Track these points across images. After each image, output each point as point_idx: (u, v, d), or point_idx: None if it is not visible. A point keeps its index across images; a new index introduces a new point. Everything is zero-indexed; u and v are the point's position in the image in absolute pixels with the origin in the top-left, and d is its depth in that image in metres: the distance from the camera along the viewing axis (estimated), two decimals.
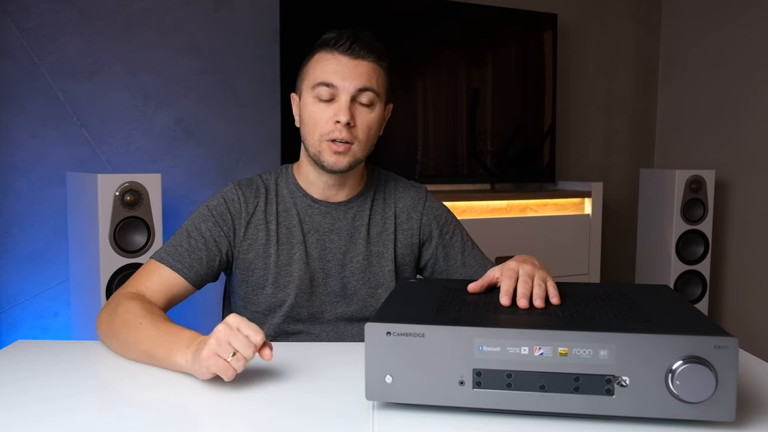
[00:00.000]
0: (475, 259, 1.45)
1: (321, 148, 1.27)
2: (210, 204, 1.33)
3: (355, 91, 1.24)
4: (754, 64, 3.16)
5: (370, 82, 1.26)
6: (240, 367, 0.92)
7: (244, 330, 0.94)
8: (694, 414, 0.79)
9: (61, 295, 2.55)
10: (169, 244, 1.29)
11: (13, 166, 2.46)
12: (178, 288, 1.26)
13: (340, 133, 1.24)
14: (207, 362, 0.92)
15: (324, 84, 1.25)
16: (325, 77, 1.25)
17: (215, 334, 0.94)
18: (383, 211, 1.40)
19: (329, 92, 1.25)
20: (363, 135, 1.27)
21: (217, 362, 0.92)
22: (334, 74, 1.25)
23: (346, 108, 1.24)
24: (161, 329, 1.06)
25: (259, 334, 0.94)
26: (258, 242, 1.32)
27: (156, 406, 0.92)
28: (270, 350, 0.95)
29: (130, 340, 1.08)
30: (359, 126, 1.26)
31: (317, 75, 1.26)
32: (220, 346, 0.92)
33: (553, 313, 0.93)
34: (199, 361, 0.94)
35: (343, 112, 1.23)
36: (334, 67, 1.25)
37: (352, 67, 1.25)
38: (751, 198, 3.22)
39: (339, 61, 1.25)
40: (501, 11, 3.11)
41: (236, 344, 0.92)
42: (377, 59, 1.28)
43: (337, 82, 1.24)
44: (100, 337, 1.18)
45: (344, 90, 1.24)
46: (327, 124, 1.25)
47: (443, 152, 3.06)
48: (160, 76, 2.65)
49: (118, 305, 1.16)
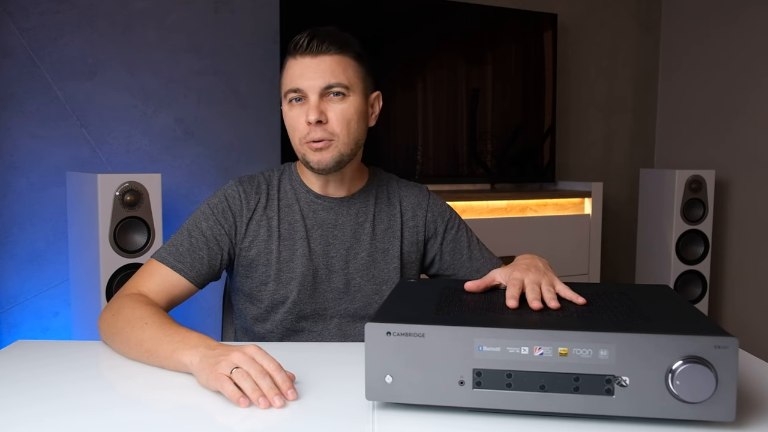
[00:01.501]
0: (481, 252, 1.46)
1: (303, 151, 1.28)
2: (211, 202, 1.33)
3: (320, 89, 1.25)
4: (754, 64, 3.16)
5: (335, 77, 1.25)
6: (255, 397, 0.89)
7: (258, 352, 0.95)
8: (694, 414, 0.79)
9: (61, 295, 2.55)
10: (170, 244, 1.28)
11: (13, 166, 2.46)
12: (180, 288, 1.25)
13: (315, 133, 1.25)
14: (214, 374, 0.92)
15: (292, 90, 1.26)
16: (292, 83, 1.26)
17: (230, 357, 0.93)
18: (389, 208, 1.40)
19: (299, 96, 1.26)
20: (341, 129, 1.26)
21: (223, 384, 0.90)
22: (299, 78, 1.25)
23: (314, 107, 1.24)
24: (166, 329, 1.06)
25: (273, 362, 0.93)
26: (260, 238, 1.32)
27: (156, 406, 0.92)
28: (291, 393, 0.91)
29: (133, 339, 1.08)
30: (334, 120, 1.26)
31: (286, 83, 1.28)
32: (238, 369, 0.91)
33: (553, 313, 0.93)
34: (218, 381, 0.91)
35: (311, 111, 1.24)
36: (299, 71, 1.26)
37: (314, 66, 1.25)
38: (751, 198, 3.22)
39: (302, 63, 1.26)
40: (501, 11, 3.11)
41: (252, 372, 0.91)
42: (339, 50, 1.26)
43: (302, 84, 1.25)
44: (103, 338, 1.17)
45: (310, 90, 1.25)
46: (303, 128, 1.26)
47: (443, 152, 3.06)
48: (160, 76, 2.65)
49: (121, 306, 1.15)
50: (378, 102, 1.36)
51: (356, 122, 1.28)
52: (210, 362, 0.94)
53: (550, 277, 1.04)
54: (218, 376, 0.91)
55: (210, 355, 0.96)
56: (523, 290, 1.00)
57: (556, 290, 1.01)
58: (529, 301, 0.96)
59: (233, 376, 0.90)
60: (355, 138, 1.29)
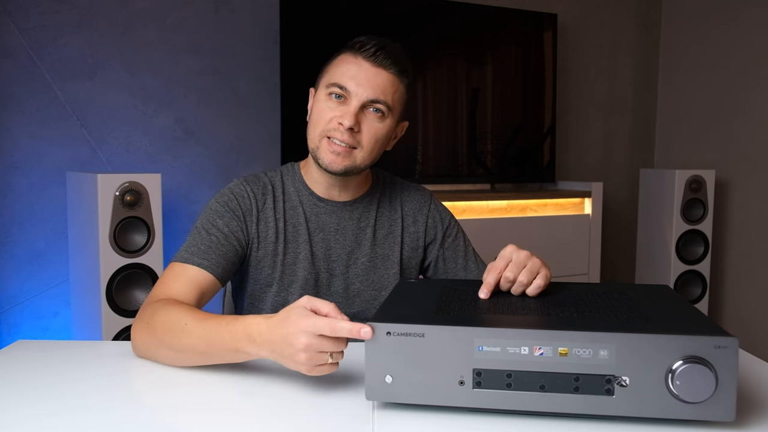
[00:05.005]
0: (476, 264, 1.45)
1: (320, 145, 1.26)
2: (220, 200, 1.30)
3: (367, 100, 1.23)
4: (754, 64, 3.16)
5: (384, 95, 1.24)
6: (341, 357, 0.90)
7: (321, 329, 0.87)
8: (694, 414, 0.79)
9: (61, 295, 2.55)
10: (188, 245, 1.24)
11: (13, 166, 2.46)
12: (207, 285, 1.21)
13: (341, 134, 1.23)
14: (311, 374, 0.90)
15: (338, 85, 1.24)
16: (341, 79, 1.24)
17: (299, 346, 0.87)
18: (390, 213, 1.40)
19: (341, 94, 1.24)
20: (368, 143, 1.25)
21: (322, 370, 0.89)
22: (351, 78, 1.23)
23: (353, 113, 1.22)
24: (208, 327, 1.00)
25: (336, 323, 0.87)
26: (268, 240, 1.31)
27: (156, 405, 0.92)
28: (367, 328, 0.85)
29: (181, 345, 1.02)
30: (364, 133, 1.25)
31: (335, 75, 1.26)
32: (312, 359, 0.88)
33: (553, 313, 0.93)
34: (298, 368, 0.90)
35: (349, 116, 1.22)
36: (354, 72, 1.24)
37: (371, 75, 1.24)
38: (751, 198, 3.22)
39: (360, 66, 1.24)
40: (501, 11, 3.11)
41: (327, 348, 0.88)
42: (399, 72, 1.26)
43: (352, 86, 1.23)
44: (140, 352, 1.10)
45: (356, 96, 1.23)
46: (331, 122, 1.24)
47: (443, 152, 3.06)
48: (160, 76, 2.65)
49: (153, 314, 1.08)
50: (402, 130, 1.36)
51: (381, 144, 1.28)
52: (285, 354, 0.90)
53: (537, 264, 1.05)
54: (310, 369, 0.89)
55: (276, 343, 0.90)
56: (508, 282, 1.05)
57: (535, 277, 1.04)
58: (502, 280, 1.04)
59: (312, 360, 0.88)
60: (374, 156, 1.29)
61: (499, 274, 1.04)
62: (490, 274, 1.04)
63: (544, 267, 1.05)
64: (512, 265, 1.04)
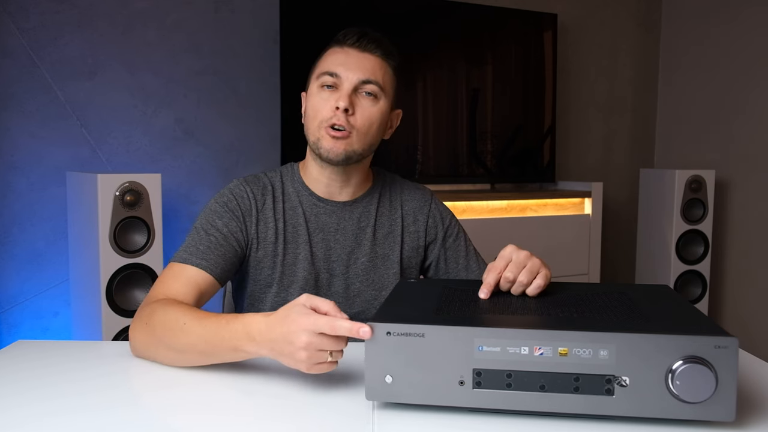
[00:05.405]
0: (477, 264, 1.45)
1: (320, 135, 1.27)
2: (220, 200, 1.31)
3: (358, 81, 1.26)
4: (754, 64, 3.16)
5: (374, 75, 1.27)
6: (341, 356, 0.90)
7: (321, 327, 0.87)
8: (694, 414, 0.79)
9: (61, 295, 2.55)
10: (187, 245, 1.25)
11: (12, 166, 2.46)
12: (206, 286, 1.21)
13: (338, 119, 1.25)
14: (311, 372, 0.90)
15: (328, 73, 1.27)
16: (330, 67, 1.27)
17: (299, 344, 0.87)
18: (390, 212, 1.40)
19: (333, 81, 1.26)
20: (362, 125, 1.27)
21: (321, 368, 0.89)
22: (340, 65, 1.27)
23: (347, 95, 1.25)
24: (207, 326, 0.99)
25: (336, 321, 0.86)
26: (267, 240, 1.31)
27: (155, 405, 0.92)
28: (366, 328, 0.85)
29: (180, 344, 1.01)
30: (358, 115, 1.26)
31: (324, 66, 1.29)
32: (312, 357, 0.88)
33: (553, 313, 0.93)
34: (298, 366, 0.90)
35: (343, 98, 1.25)
36: (342, 59, 1.28)
37: (358, 59, 1.27)
38: (751, 198, 3.22)
39: (347, 53, 1.28)
40: (501, 11, 3.11)
41: (327, 347, 0.88)
42: (384, 55, 1.30)
43: (341, 71, 1.26)
44: (139, 352, 1.10)
45: (347, 79, 1.26)
46: (327, 112, 1.26)
47: (443, 152, 3.06)
48: (160, 76, 2.65)
49: (152, 313, 1.08)
50: (397, 119, 1.37)
51: (377, 127, 1.29)
52: (285, 352, 0.90)
53: (537, 263, 1.05)
54: (309, 367, 0.89)
55: (276, 341, 0.90)
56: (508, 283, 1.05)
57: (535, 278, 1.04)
58: (502, 280, 1.04)
59: (311, 358, 0.88)
60: (371, 141, 1.30)
61: (499, 274, 1.04)
62: (490, 274, 1.04)
63: (543, 267, 1.05)
64: (512, 265, 1.04)
